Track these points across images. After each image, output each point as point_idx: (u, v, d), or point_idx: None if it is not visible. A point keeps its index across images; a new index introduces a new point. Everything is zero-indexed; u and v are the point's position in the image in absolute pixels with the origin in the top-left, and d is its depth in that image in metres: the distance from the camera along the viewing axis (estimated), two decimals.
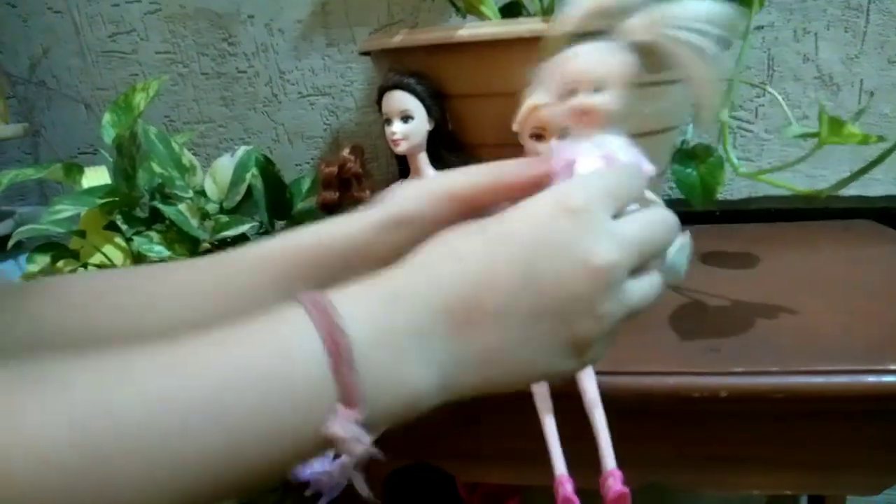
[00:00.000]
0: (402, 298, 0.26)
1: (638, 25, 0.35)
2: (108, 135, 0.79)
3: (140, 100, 0.80)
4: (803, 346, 0.50)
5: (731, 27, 0.34)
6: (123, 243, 0.78)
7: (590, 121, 0.36)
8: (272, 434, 0.23)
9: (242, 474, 0.23)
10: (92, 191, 0.70)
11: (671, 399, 0.47)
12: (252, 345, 0.24)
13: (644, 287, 0.31)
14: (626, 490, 0.38)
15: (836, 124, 0.46)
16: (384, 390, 0.25)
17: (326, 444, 0.24)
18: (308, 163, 0.97)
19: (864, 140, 0.45)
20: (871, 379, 0.46)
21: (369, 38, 0.63)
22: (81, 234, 0.74)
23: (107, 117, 0.80)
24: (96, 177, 0.82)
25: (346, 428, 0.23)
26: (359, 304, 0.26)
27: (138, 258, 0.77)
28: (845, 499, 0.85)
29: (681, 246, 0.35)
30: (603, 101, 0.35)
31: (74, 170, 0.76)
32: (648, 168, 0.36)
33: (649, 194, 0.37)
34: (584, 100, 0.35)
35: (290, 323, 0.24)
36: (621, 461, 0.45)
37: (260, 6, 0.91)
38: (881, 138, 0.45)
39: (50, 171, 0.73)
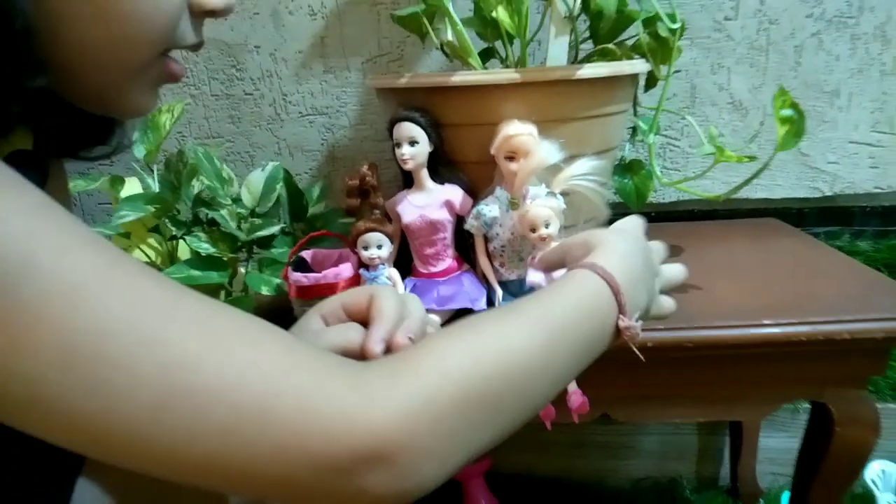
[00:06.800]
0: (626, 267, 0.47)
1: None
2: (140, 150, 0.92)
3: (165, 120, 0.94)
4: (708, 310, 0.68)
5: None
6: (157, 245, 0.92)
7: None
8: (591, 342, 0.43)
9: (576, 369, 0.42)
10: (140, 198, 0.83)
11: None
12: (573, 295, 0.44)
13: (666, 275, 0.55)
14: (585, 398, 0.55)
15: (720, 149, 0.65)
16: (634, 306, 0.46)
17: (615, 337, 0.45)
18: (307, 173, 1.12)
19: (739, 160, 0.64)
20: (753, 331, 0.65)
21: (379, 77, 0.79)
22: (127, 235, 0.88)
23: (135, 136, 0.94)
24: (130, 188, 0.95)
25: (627, 322, 0.44)
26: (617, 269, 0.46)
27: (171, 258, 0.91)
28: (759, 424, 1.05)
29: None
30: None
31: (118, 181, 0.90)
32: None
33: None
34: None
35: (591, 283, 0.45)
36: None
37: (265, 38, 1.06)
38: (751, 158, 0.64)
39: (100, 182, 0.87)
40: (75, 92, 0.40)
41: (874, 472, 1.09)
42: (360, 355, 0.44)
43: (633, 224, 0.56)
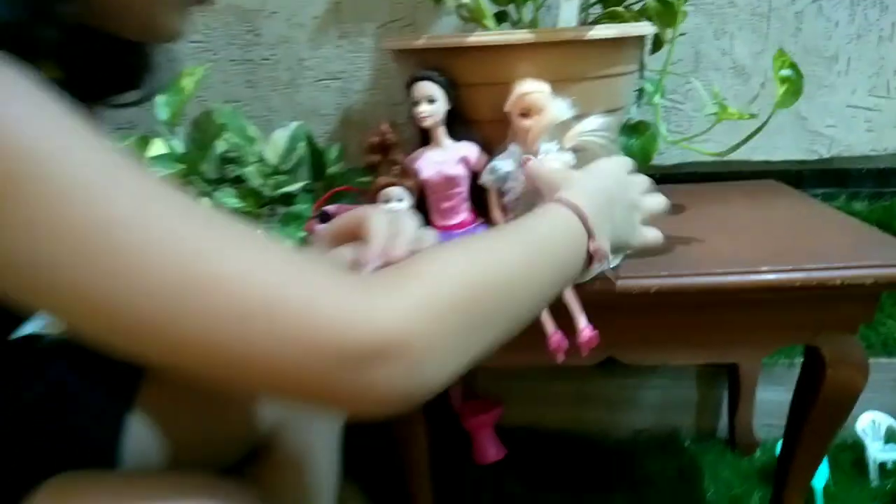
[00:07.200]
0: (591, 200, 0.52)
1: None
2: (163, 113, 0.96)
3: (188, 83, 0.98)
4: (709, 259, 0.73)
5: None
6: None
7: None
8: (567, 261, 0.48)
9: (555, 286, 0.47)
10: (169, 157, 0.87)
11: (617, 295, 0.69)
12: (547, 221, 0.49)
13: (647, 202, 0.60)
14: (596, 332, 0.59)
15: (723, 107, 0.69)
16: (601, 234, 0.50)
17: (585, 264, 0.49)
18: (322, 136, 1.15)
19: (741, 117, 0.68)
20: (751, 277, 0.69)
21: (397, 39, 0.82)
22: None
23: (160, 98, 0.98)
24: (156, 147, 0.99)
25: (595, 244, 0.49)
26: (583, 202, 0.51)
27: None
28: (759, 367, 1.11)
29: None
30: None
31: (145, 141, 0.93)
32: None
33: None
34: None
35: (560, 212, 0.50)
36: None
37: (282, 4, 1.09)
38: (752, 116, 0.68)
39: (129, 142, 0.91)
40: (107, 16, 0.42)
41: (865, 422, 1.14)
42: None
43: (608, 163, 0.59)
